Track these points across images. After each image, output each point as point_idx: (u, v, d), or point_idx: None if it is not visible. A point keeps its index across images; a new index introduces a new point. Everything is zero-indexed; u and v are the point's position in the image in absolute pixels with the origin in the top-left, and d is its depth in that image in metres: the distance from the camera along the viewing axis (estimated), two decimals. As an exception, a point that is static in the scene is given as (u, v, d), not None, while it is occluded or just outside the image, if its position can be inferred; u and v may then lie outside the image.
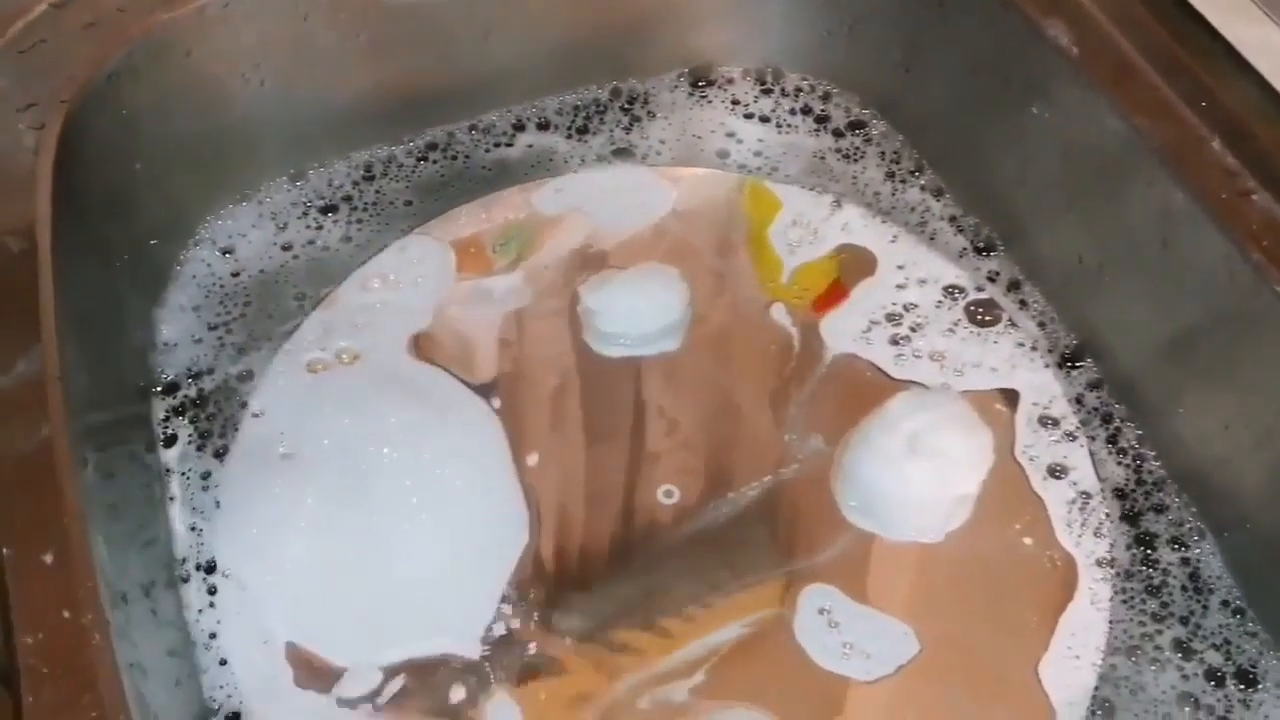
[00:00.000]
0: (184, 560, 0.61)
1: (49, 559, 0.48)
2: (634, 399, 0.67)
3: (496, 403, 0.67)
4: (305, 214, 0.75)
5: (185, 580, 0.61)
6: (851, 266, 0.72)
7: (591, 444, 0.66)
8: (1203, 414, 0.62)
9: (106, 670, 0.46)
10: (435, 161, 0.77)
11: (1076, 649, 0.58)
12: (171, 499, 0.63)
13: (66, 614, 0.47)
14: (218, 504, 0.63)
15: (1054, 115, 0.66)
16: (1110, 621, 0.59)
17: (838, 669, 0.58)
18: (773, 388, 0.67)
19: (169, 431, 0.66)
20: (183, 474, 0.64)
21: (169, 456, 0.65)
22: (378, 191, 0.76)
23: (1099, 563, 0.61)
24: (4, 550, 0.48)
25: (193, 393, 0.67)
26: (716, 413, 0.67)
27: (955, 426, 0.62)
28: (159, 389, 0.67)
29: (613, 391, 0.68)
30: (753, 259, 0.73)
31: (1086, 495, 0.63)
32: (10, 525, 0.49)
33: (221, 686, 0.58)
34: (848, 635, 0.59)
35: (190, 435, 0.66)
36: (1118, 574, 0.60)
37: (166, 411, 0.66)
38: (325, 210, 0.75)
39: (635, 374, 0.68)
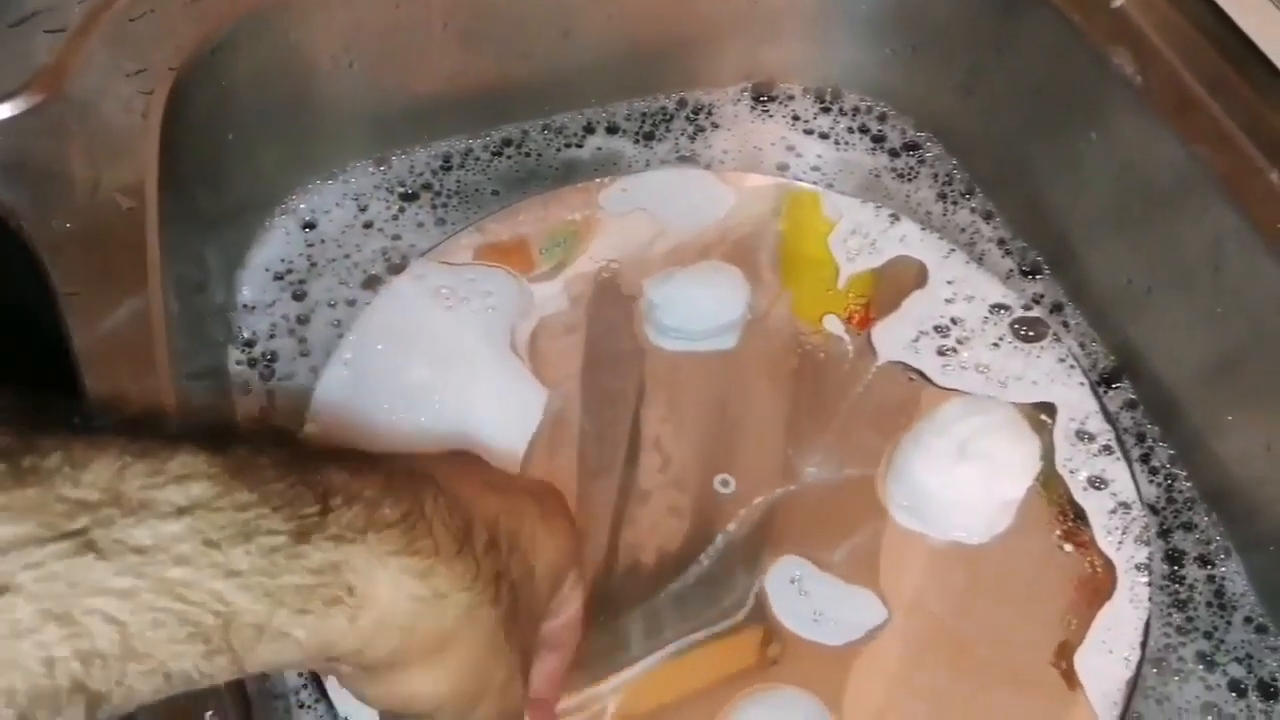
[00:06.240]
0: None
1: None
2: (692, 392, 0.70)
3: (549, 394, 0.69)
4: (388, 197, 0.78)
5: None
6: (904, 278, 0.74)
7: (647, 433, 0.68)
8: (1245, 435, 0.64)
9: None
10: (510, 157, 0.80)
11: (1111, 643, 0.61)
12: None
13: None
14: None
15: (1111, 142, 0.69)
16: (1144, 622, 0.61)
17: (862, 646, 0.61)
18: (825, 388, 0.70)
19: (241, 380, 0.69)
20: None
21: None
22: (458, 181, 0.79)
23: (1138, 567, 0.63)
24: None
25: (266, 351, 0.70)
26: (771, 408, 0.69)
27: (1005, 433, 0.64)
28: (237, 346, 0.70)
29: (670, 383, 0.70)
30: (810, 264, 0.75)
31: (1126, 505, 0.65)
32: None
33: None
34: (891, 623, 0.61)
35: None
36: (1151, 583, 0.63)
37: (241, 366, 0.69)
38: (407, 197, 0.78)
39: (692, 368, 0.71)
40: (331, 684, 0.57)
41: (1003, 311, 0.72)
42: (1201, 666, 0.61)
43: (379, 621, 0.36)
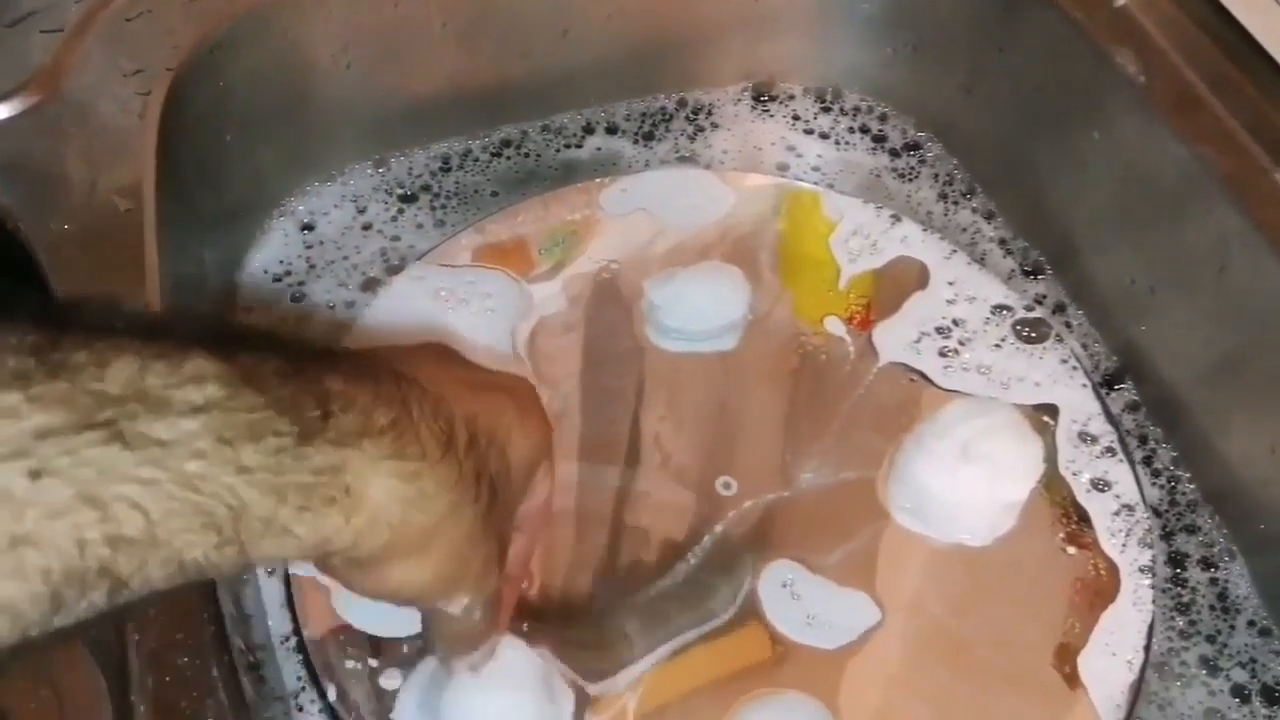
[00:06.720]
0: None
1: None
2: (693, 393, 0.69)
3: (546, 394, 0.68)
4: (387, 199, 0.78)
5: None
6: (905, 279, 0.74)
7: (647, 433, 0.67)
8: (1249, 437, 0.64)
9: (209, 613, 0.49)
10: (509, 158, 0.80)
11: (1115, 646, 0.60)
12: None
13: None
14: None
15: (1114, 142, 0.69)
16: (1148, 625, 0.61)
17: (862, 648, 0.60)
18: (826, 389, 0.69)
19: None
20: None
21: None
22: (457, 183, 0.79)
23: (1142, 569, 0.63)
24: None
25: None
26: (772, 410, 0.69)
27: (1007, 434, 0.64)
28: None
29: (671, 384, 0.70)
30: (811, 265, 0.75)
31: (1129, 508, 0.65)
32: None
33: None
34: (888, 625, 0.61)
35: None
36: (1155, 586, 0.62)
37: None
38: (406, 198, 0.78)
39: (693, 369, 0.70)
40: (331, 693, 0.57)
41: (1004, 312, 0.72)
42: (1204, 671, 0.61)
43: (371, 520, 0.40)
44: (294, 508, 0.37)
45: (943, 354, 0.70)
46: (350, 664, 0.58)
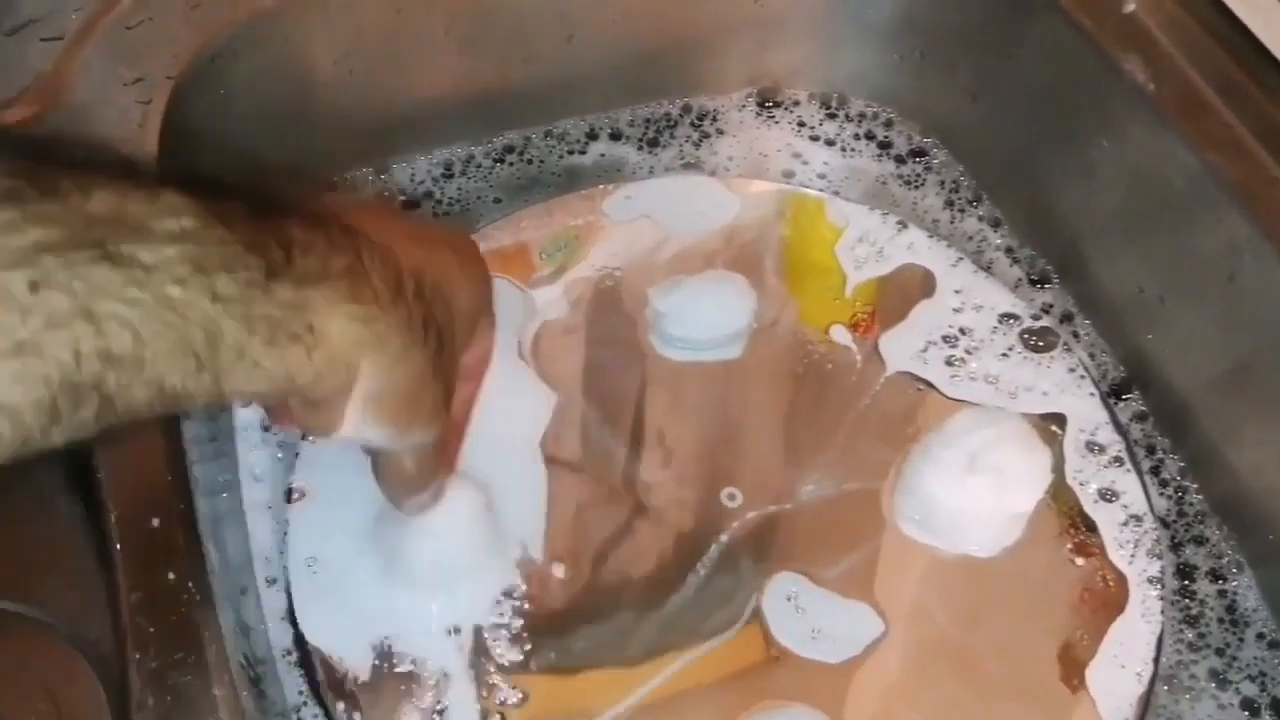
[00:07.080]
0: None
1: (155, 522, 0.51)
2: (697, 402, 0.69)
3: (555, 398, 0.68)
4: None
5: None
6: (911, 287, 0.73)
7: (650, 442, 0.67)
8: (1257, 447, 0.63)
9: (210, 629, 0.48)
10: (512, 164, 0.79)
11: (1124, 658, 0.60)
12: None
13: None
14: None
15: (1122, 149, 0.68)
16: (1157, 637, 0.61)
17: (867, 661, 0.60)
18: (832, 399, 0.69)
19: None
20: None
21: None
22: (459, 189, 0.78)
23: (1150, 580, 0.62)
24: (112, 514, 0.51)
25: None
26: (777, 420, 0.68)
27: (1015, 444, 0.63)
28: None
29: (676, 393, 0.69)
30: (817, 272, 0.75)
31: (1138, 518, 0.64)
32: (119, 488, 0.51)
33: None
34: (893, 637, 0.61)
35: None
36: (1164, 597, 0.62)
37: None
38: (409, 205, 0.77)
39: (698, 378, 0.70)
40: (332, 706, 0.57)
41: (1011, 321, 0.72)
42: (1214, 684, 0.60)
43: (330, 359, 0.42)
44: (263, 340, 0.39)
45: (949, 363, 0.70)
46: (351, 676, 0.58)
